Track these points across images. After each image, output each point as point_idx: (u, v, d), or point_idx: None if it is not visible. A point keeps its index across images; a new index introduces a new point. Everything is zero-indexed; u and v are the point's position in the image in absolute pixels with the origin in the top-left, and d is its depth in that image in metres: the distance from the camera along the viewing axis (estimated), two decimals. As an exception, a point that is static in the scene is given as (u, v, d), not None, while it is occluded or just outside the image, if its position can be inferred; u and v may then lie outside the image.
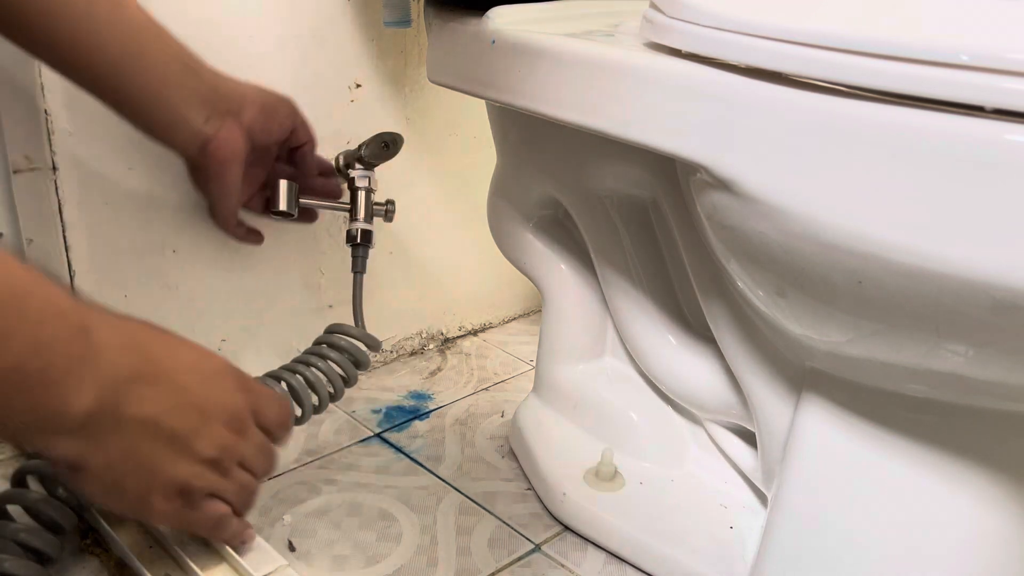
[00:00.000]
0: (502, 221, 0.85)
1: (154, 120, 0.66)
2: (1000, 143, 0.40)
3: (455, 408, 0.97)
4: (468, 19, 0.71)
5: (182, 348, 0.51)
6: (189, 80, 0.66)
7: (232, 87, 0.69)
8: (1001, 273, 0.41)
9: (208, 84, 0.67)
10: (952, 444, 0.55)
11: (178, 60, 0.66)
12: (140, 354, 0.47)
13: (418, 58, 0.95)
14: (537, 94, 0.63)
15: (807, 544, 0.61)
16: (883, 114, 0.43)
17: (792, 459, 0.61)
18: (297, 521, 0.77)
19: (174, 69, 0.65)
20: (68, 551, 0.66)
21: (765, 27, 0.48)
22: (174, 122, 0.66)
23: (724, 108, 0.50)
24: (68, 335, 0.42)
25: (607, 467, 0.77)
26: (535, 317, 1.20)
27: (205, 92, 0.67)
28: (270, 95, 0.73)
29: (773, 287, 0.54)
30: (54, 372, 0.42)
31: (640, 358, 0.79)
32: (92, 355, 0.44)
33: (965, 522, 0.56)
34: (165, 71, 0.64)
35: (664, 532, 0.73)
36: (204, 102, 0.67)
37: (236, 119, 0.69)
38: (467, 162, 1.05)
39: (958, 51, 0.41)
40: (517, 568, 0.73)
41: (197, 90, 0.66)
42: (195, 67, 0.67)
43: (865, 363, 0.54)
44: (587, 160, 0.74)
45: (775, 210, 0.48)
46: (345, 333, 0.76)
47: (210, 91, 0.67)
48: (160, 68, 0.64)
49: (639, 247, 0.77)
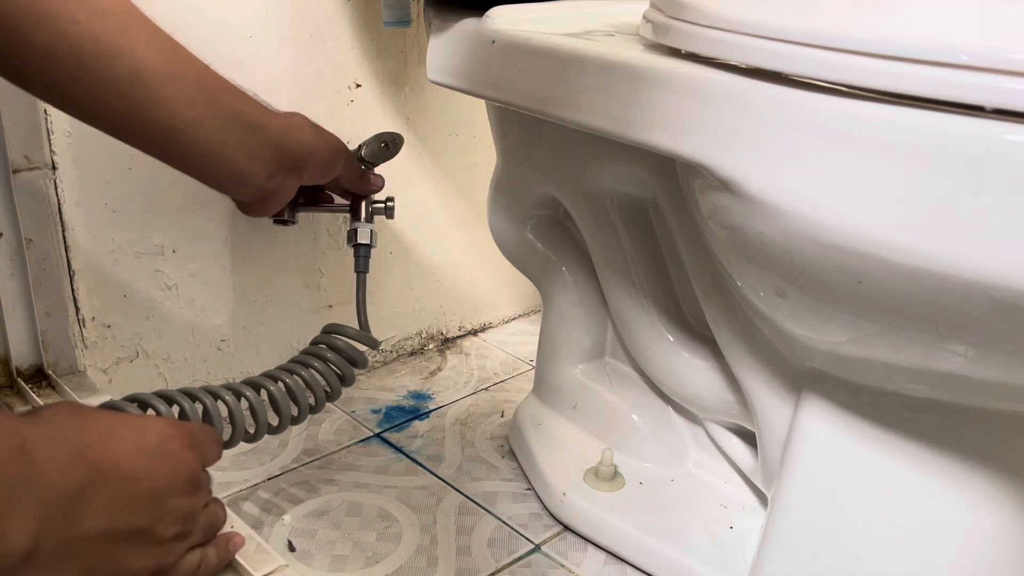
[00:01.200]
0: (502, 221, 0.85)
1: (212, 178, 0.65)
2: (1000, 143, 0.40)
3: (455, 408, 0.97)
4: (468, 19, 0.71)
5: (119, 432, 0.47)
6: (251, 140, 0.63)
7: (297, 143, 0.67)
8: (1001, 273, 0.41)
9: (273, 143, 0.65)
10: (952, 444, 0.55)
11: (240, 120, 0.63)
12: (83, 463, 0.43)
13: (418, 58, 0.95)
14: (537, 94, 0.63)
15: (807, 544, 0.61)
16: (883, 114, 0.43)
17: (792, 459, 0.61)
18: (297, 521, 0.77)
19: (235, 132, 0.62)
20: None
21: (765, 27, 0.48)
22: (234, 179, 0.65)
23: (724, 108, 0.50)
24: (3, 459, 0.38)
25: (607, 467, 0.77)
26: (535, 317, 1.20)
27: (269, 152, 0.65)
28: (331, 151, 0.72)
29: (773, 287, 0.54)
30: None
31: (640, 358, 0.79)
32: (30, 480, 0.39)
33: (965, 522, 0.56)
34: (225, 136, 0.62)
35: (664, 532, 0.73)
36: (268, 163, 0.65)
37: (297, 175, 0.69)
38: (467, 162, 1.05)
39: (958, 51, 0.41)
40: (517, 568, 0.73)
41: (260, 150, 0.64)
42: (259, 124, 0.64)
43: (865, 363, 0.54)
44: (587, 160, 0.74)
45: (775, 210, 0.48)
46: (342, 333, 0.76)
47: (275, 150, 0.65)
48: (220, 134, 0.61)
49: (639, 247, 0.77)
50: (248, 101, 0.64)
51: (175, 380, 0.88)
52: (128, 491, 0.45)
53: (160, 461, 0.48)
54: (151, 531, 0.47)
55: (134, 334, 0.84)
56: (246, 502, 0.80)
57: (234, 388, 0.68)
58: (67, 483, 0.41)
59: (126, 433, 0.47)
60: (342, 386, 0.75)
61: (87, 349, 0.81)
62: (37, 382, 0.80)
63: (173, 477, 0.48)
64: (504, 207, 0.84)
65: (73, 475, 0.41)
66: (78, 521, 0.42)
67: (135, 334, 0.84)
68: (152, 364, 0.86)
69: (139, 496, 0.46)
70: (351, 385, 0.76)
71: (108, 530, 0.44)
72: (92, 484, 0.43)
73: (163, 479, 0.47)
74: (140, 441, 0.47)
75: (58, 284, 0.78)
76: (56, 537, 0.40)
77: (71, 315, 0.79)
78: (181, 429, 0.52)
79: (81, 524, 0.42)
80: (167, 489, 0.48)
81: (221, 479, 0.82)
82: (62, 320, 0.79)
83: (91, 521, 0.42)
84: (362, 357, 0.76)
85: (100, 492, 0.43)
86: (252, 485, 0.82)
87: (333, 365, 0.74)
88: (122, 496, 0.45)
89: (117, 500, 0.44)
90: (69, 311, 0.79)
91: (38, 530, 0.39)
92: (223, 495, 0.80)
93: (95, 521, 0.43)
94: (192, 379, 0.89)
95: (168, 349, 0.87)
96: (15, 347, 0.79)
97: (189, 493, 0.50)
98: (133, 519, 0.45)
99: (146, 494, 0.46)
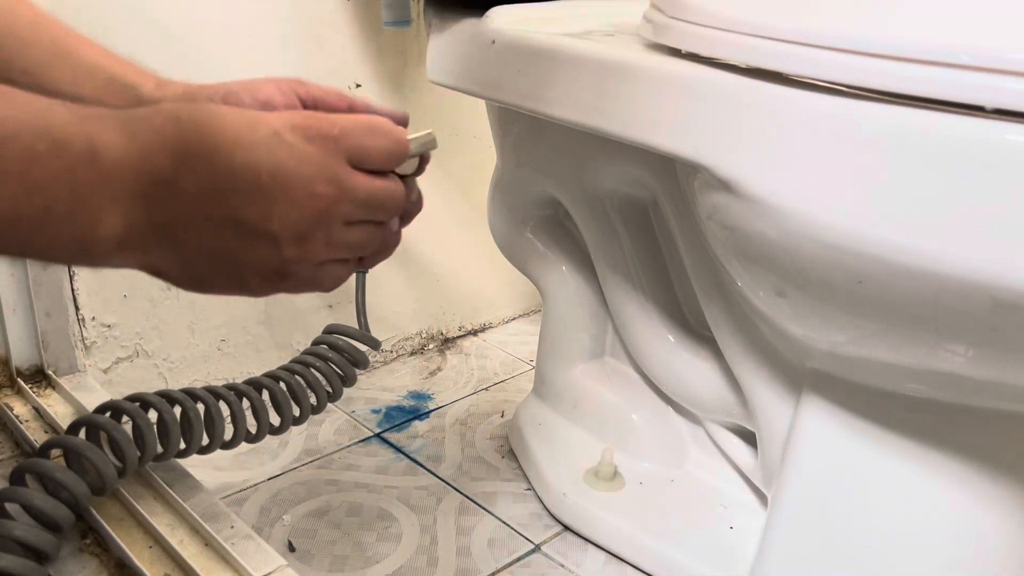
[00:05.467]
0: (502, 221, 0.85)
1: None
2: (1000, 143, 0.40)
3: (455, 408, 0.97)
4: (468, 19, 0.71)
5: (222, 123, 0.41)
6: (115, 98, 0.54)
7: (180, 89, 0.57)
8: (1001, 273, 0.41)
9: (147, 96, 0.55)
10: (952, 444, 0.55)
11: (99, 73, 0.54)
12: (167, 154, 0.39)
13: (418, 58, 0.95)
14: (537, 94, 0.63)
15: (807, 544, 0.61)
16: (883, 114, 0.43)
17: (792, 459, 0.61)
18: (297, 521, 0.77)
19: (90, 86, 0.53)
20: (67, 550, 0.65)
21: (765, 27, 0.48)
22: None
23: (724, 108, 0.50)
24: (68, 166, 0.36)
25: (607, 467, 0.77)
26: (535, 317, 1.20)
27: None
28: None
29: (773, 287, 0.54)
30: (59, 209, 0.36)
31: (640, 358, 0.79)
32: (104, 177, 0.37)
33: (965, 522, 0.56)
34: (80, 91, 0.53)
35: (664, 532, 0.73)
36: None
37: None
38: (467, 162, 1.05)
39: (959, 51, 0.41)
40: (517, 568, 0.73)
41: None
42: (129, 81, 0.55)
43: (865, 363, 0.54)
44: (587, 160, 0.74)
45: (775, 210, 0.48)
46: (344, 333, 0.76)
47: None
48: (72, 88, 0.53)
49: (639, 247, 0.77)
50: (111, 55, 0.55)
51: (175, 380, 0.88)
52: (219, 181, 0.41)
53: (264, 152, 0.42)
54: (259, 226, 0.42)
55: (134, 334, 0.84)
56: (246, 502, 0.80)
57: (237, 388, 0.68)
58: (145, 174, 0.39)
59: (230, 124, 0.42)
60: (343, 386, 0.75)
61: (87, 349, 0.81)
62: (37, 382, 0.80)
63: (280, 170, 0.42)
64: (504, 207, 0.84)
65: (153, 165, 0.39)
66: (163, 206, 0.40)
67: (135, 334, 0.84)
68: (152, 364, 0.86)
69: (236, 187, 0.41)
70: (352, 385, 0.76)
71: (201, 216, 0.41)
72: (175, 171, 0.40)
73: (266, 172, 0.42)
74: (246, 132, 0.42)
75: (58, 284, 0.78)
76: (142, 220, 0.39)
77: (71, 315, 0.79)
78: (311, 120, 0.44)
79: (167, 209, 0.40)
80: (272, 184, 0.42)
81: (221, 479, 0.82)
82: (62, 320, 0.79)
83: (178, 206, 0.40)
84: (363, 357, 0.76)
85: (185, 179, 0.40)
86: (252, 485, 0.82)
87: (335, 365, 0.74)
88: (213, 185, 0.41)
89: (206, 188, 0.41)
90: (69, 311, 0.79)
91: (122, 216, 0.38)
92: (223, 495, 0.80)
93: (182, 206, 0.40)
94: (192, 379, 0.89)
95: (168, 349, 0.87)
96: (15, 347, 0.79)
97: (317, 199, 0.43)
98: (230, 209, 0.41)
99: (244, 186, 0.41)
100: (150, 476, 0.66)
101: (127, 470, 0.64)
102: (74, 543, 0.66)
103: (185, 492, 0.64)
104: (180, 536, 0.61)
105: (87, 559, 0.66)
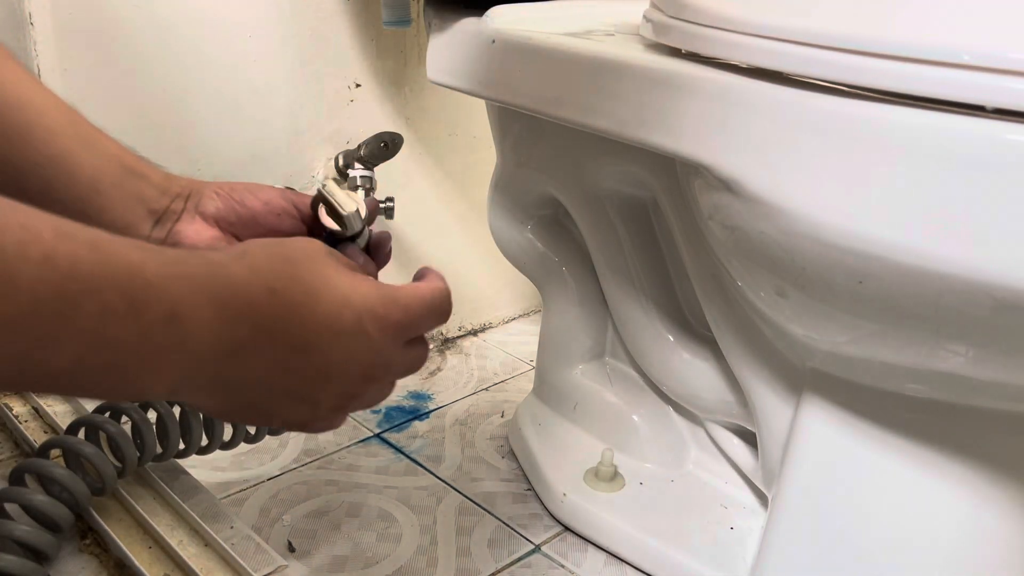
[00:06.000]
0: (502, 221, 0.85)
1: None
2: (1001, 143, 0.40)
3: (455, 408, 0.97)
4: (468, 19, 0.71)
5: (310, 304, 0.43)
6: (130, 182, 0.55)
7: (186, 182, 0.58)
8: (1001, 273, 0.41)
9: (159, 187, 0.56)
10: (952, 444, 0.55)
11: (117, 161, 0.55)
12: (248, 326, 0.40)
13: (418, 58, 0.95)
14: (537, 93, 0.62)
15: (807, 544, 0.61)
16: (883, 114, 0.43)
17: (792, 459, 0.61)
18: (297, 521, 0.77)
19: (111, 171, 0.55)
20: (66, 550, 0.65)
21: (765, 27, 0.48)
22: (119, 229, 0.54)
23: (724, 108, 0.50)
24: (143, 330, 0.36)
25: (607, 467, 0.77)
26: (535, 317, 1.20)
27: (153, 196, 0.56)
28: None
29: (774, 287, 0.54)
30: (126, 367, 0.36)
31: (640, 358, 0.79)
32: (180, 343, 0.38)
33: (965, 521, 0.56)
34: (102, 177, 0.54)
35: (664, 532, 0.73)
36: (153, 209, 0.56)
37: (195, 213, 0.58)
38: (467, 162, 1.04)
39: (959, 51, 0.41)
40: (517, 569, 0.73)
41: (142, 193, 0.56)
42: (139, 170, 0.56)
43: (866, 363, 0.54)
44: (587, 160, 0.74)
45: (776, 210, 0.48)
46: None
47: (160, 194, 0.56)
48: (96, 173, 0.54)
49: (639, 247, 0.77)
50: (125, 148, 0.57)
51: (175, 380, 0.88)
52: (293, 362, 0.43)
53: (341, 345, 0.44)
54: (309, 397, 0.45)
55: (134, 334, 0.84)
56: (246, 502, 0.80)
57: None
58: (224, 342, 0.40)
59: (320, 307, 0.44)
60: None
61: (87, 349, 0.81)
62: (37, 382, 0.80)
63: (350, 360, 0.45)
64: (504, 207, 0.84)
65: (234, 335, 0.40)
66: (231, 369, 0.41)
67: (135, 334, 0.84)
68: (152, 364, 0.86)
69: (304, 368, 0.43)
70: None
71: (264, 384, 0.43)
72: (256, 345, 0.41)
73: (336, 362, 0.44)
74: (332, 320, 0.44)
75: (58, 284, 0.77)
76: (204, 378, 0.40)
77: (71, 315, 0.79)
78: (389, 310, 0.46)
79: (234, 372, 0.41)
80: (338, 371, 0.45)
81: (221, 479, 0.82)
82: (62, 320, 0.79)
83: (245, 372, 0.41)
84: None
85: (262, 353, 0.41)
86: (252, 485, 0.82)
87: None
88: (286, 364, 0.43)
89: (279, 364, 0.42)
90: (69, 311, 0.79)
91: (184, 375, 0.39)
92: (223, 495, 0.80)
93: (249, 372, 0.42)
94: (192, 379, 0.89)
95: (168, 349, 0.86)
96: (15, 347, 0.79)
97: (366, 379, 0.47)
98: (292, 383, 0.44)
99: (312, 369, 0.44)
100: (150, 476, 0.66)
101: (126, 470, 0.64)
102: (74, 543, 0.66)
103: (185, 492, 0.64)
104: (180, 536, 0.61)
105: (87, 559, 0.66)
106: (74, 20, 0.75)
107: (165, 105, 0.82)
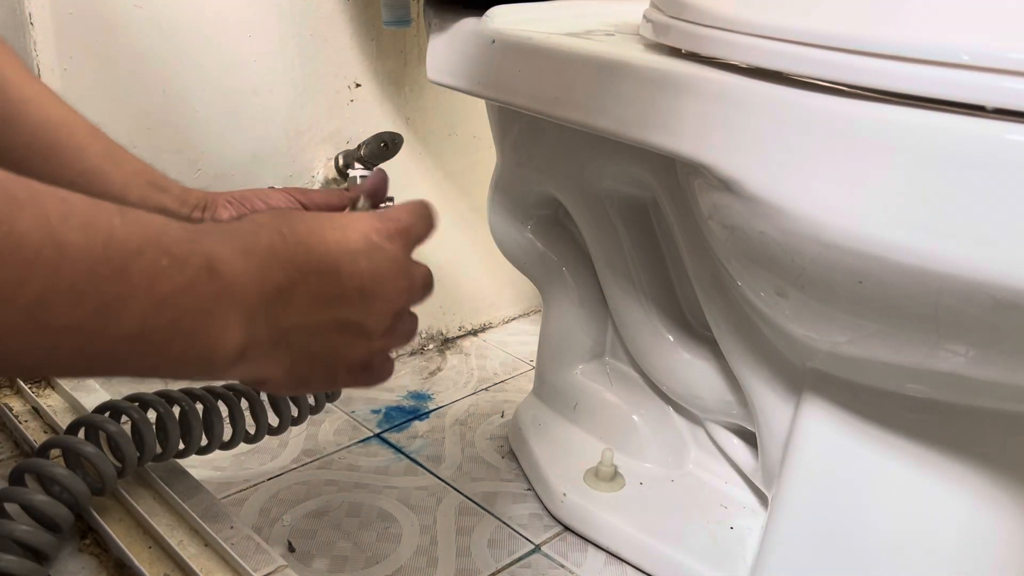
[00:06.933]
0: (502, 221, 0.85)
1: None
2: (1001, 143, 0.40)
3: (455, 408, 0.97)
4: (468, 19, 0.71)
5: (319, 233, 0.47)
6: (154, 196, 0.60)
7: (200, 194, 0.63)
8: (1001, 273, 0.41)
9: (179, 199, 0.61)
10: (952, 444, 0.55)
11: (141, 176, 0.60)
12: (279, 266, 0.43)
13: (418, 58, 0.95)
14: (537, 93, 0.62)
15: (807, 544, 0.61)
16: (883, 114, 0.43)
17: (792, 459, 0.61)
18: (297, 521, 0.77)
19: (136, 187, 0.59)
20: (66, 550, 0.65)
21: (765, 27, 0.48)
22: None
23: (724, 108, 0.50)
24: (190, 280, 0.38)
25: (607, 467, 0.77)
26: (535, 317, 1.20)
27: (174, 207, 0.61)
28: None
29: (774, 287, 0.54)
30: (186, 323, 0.38)
31: (640, 358, 0.79)
32: (226, 291, 0.40)
33: (965, 522, 0.56)
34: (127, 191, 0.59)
35: (664, 532, 0.73)
36: None
37: None
38: (467, 162, 1.05)
39: (959, 51, 0.41)
40: (517, 569, 0.73)
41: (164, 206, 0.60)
42: (161, 183, 0.61)
43: (866, 363, 0.54)
44: (587, 160, 0.74)
45: (775, 210, 0.48)
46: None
47: (180, 204, 0.61)
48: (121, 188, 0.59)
49: (639, 247, 0.77)
50: (145, 163, 0.62)
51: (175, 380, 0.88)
52: (331, 288, 0.46)
53: (364, 258, 0.48)
54: (360, 325, 0.48)
55: (134, 334, 0.84)
56: (246, 502, 0.80)
57: (235, 388, 0.68)
58: (266, 287, 0.42)
59: (327, 234, 0.47)
60: (342, 387, 0.75)
61: (87, 349, 0.81)
62: (36, 382, 0.80)
63: (377, 272, 0.48)
64: (504, 207, 0.84)
65: (271, 279, 0.42)
66: (282, 316, 0.43)
67: (135, 334, 0.84)
68: (152, 364, 0.86)
69: (344, 293, 0.46)
70: (351, 385, 0.76)
71: (314, 322, 0.45)
72: (292, 283, 0.43)
73: (367, 276, 0.48)
74: (343, 241, 0.47)
75: (58, 284, 0.77)
76: (263, 332, 0.42)
77: (71, 315, 0.79)
78: (386, 222, 0.50)
79: (286, 318, 0.43)
80: (372, 285, 0.48)
81: (221, 479, 0.82)
82: (62, 320, 0.79)
83: (295, 315, 0.44)
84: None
85: (301, 289, 0.44)
86: (252, 485, 0.82)
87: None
88: (325, 293, 0.45)
89: (320, 296, 0.45)
90: (69, 311, 0.79)
91: (245, 329, 0.41)
92: (223, 495, 0.80)
93: (299, 315, 0.44)
94: (192, 379, 0.89)
95: (168, 349, 0.86)
96: (15, 347, 0.79)
97: (398, 291, 0.49)
98: (339, 313, 0.46)
99: (351, 291, 0.47)
100: (150, 476, 0.66)
101: (126, 470, 0.64)
102: (74, 543, 0.66)
103: (185, 492, 0.64)
104: (179, 536, 0.61)
105: (87, 559, 0.66)
106: (74, 20, 0.75)
107: (165, 105, 0.82)
